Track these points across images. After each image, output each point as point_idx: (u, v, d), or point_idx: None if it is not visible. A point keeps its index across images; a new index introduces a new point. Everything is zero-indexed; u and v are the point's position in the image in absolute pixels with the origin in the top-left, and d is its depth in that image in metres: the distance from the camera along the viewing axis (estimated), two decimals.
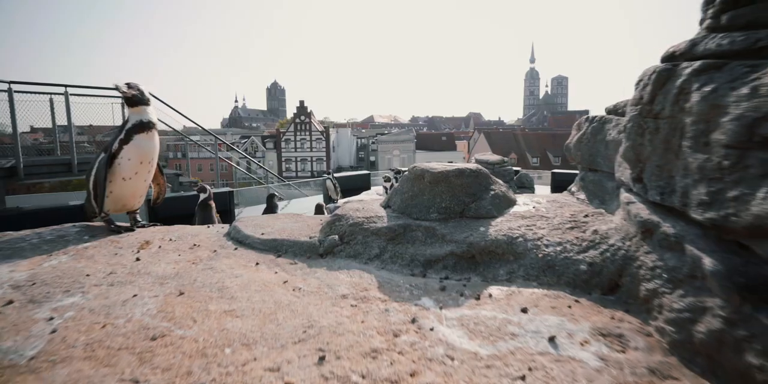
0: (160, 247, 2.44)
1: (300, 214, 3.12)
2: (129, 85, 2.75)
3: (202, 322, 1.39)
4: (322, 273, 1.92)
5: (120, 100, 8.43)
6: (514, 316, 1.37)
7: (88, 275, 1.90)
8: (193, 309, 1.50)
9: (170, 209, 6.19)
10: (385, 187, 7.70)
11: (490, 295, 1.58)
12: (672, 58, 1.57)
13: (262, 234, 2.48)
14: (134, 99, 2.75)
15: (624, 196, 1.75)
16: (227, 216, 6.92)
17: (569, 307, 1.40)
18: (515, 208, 2.34)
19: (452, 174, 2.33)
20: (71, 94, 8.66)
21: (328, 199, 8.95)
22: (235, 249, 2.36)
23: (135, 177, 2.86)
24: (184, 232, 2.80)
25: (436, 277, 1.85)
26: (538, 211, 2.26)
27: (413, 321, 1.39)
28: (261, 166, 14.52)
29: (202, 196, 5.14)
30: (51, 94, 8.60)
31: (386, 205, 2.51)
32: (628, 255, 1.49)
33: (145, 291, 1.70)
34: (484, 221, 2.14)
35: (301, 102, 52.31)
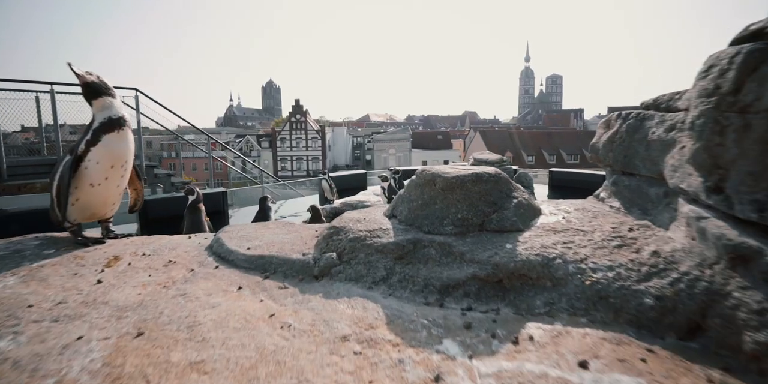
0: (129, 263, 2.09)
1: (293, 223, 2.78)
2: (88, 72, 2.39)
3: (157, 383, 1.04)
4: (318, 302, 1.57)
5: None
6: (571, 375, 1.03)
7: (30, 306, 1.55)
8: (150, 360, 1.16)
9: (160, 211, 5.91)
10: (383, 187, 7.36)
11: (531, 338, 1.24)
12: (760, 36, 1.24)
13: (248, 248, 2.14)
14: (93, 86, 2.37)
15: (689, 208, 1.42)
16: (220, 217, 6.59)
17: (643, 360, 1.07)
18: (542, 220, 2.01)
19: (469, 179, 1.98)
20: (59, 92, 8.27)
21: (324, 200, 8.61)
22: (216, 267, 2.02)
23: (105, 183, 2.49)
24: (161, 245, 2.45)
25: (456, 307, 1.51)
26: (570, 222, 1.93)
27: (437, 379, 1.05)
28: (256, 166, 14.07)
29: (191, 198, 4.77)
30: (37, 92, 8.22)
31: (391, 215, 2.17)
32: (713, 288, 1.15)
33: (95, 330, 1.35)
34: (509, 236, 1.80)
35: (297, 101, 51.66)
